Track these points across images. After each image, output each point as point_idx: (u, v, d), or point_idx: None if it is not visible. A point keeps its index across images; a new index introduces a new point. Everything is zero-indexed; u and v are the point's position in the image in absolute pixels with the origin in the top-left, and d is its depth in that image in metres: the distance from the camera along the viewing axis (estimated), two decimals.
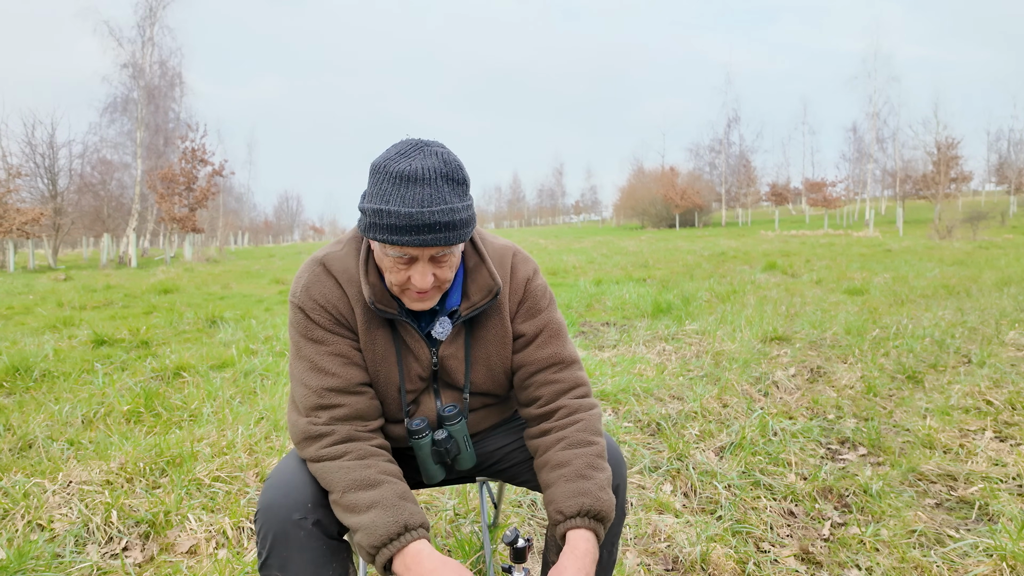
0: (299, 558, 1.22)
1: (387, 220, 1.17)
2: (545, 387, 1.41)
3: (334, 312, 1.34)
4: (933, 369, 4.36)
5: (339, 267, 1.36)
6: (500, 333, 1.43)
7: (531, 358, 1.42)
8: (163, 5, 30.79)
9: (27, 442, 3.01)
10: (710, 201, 51.43)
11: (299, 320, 1.35)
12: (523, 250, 1.51)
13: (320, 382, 1.31)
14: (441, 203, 1.18)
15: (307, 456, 1.29)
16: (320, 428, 1.29)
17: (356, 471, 1.24)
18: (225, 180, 31.68)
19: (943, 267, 11.20)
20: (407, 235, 1.17)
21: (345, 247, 1.39)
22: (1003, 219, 31.90)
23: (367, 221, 1.22)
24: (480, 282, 1.38)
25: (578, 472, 1.28)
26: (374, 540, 1.16)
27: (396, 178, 1.18)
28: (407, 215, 1.16)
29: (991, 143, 54.90)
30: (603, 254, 17.29)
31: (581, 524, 1.23)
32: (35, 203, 26.72)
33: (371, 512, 1.19)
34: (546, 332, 1.44)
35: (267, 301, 9.13)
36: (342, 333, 1.35)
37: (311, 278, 1.36)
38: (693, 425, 3.19)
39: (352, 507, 1.21)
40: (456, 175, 1.21)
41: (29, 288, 12.20)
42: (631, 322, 6.19)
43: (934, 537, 2.21)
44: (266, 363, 4.50)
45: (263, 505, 1.25)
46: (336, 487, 1.23)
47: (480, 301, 1.38)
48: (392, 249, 1.22)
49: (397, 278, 1.26)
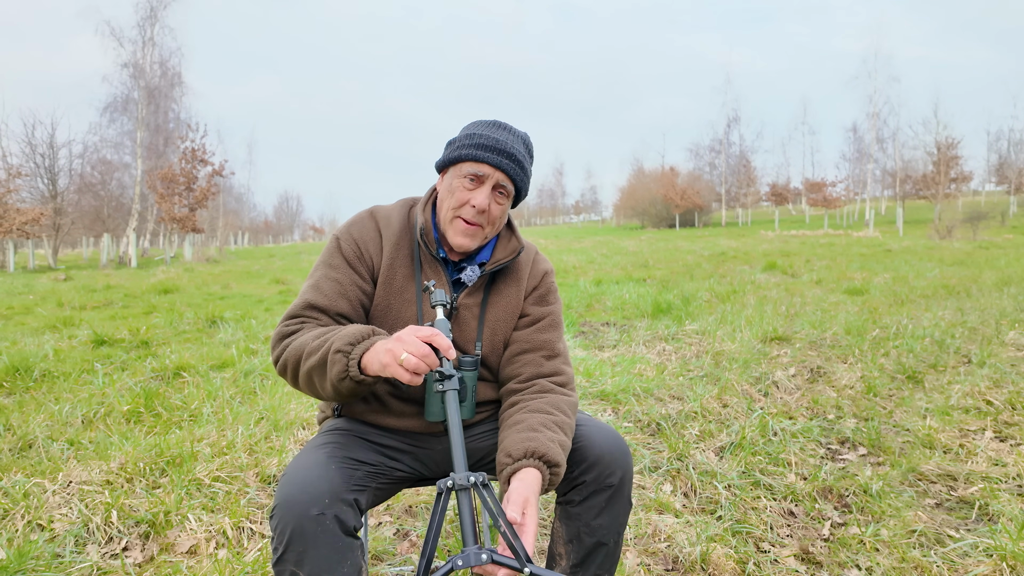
0: (315, 554, 1.22)
1: (477, 140, 1.44)
2: (528, 367, 1.51)
3: (363, 247, 1.50)
4: (933, 369, 4.36)
5: (383, 214, 1.55)
6: (513, 304, 1.56)
7: (526, 338, 1.54)
8: (164, 5, 30.83)
9: (27, 442, 3.01)
10: (710, 201, 51.43)
11: (329, 248, 1.52)
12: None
13: (311, 297, 1.45)
14: (519, 148, 1.47)
15: (278, 350, 1.40)
16: (288, 327, 1.42)
17: (324, 327, 1.38)
18: (225, 180, 31.68)
19: (943, 267, 11.20)
20: (491, 153, 1.43)
21: (398, 202, 1.60)
22: (1003, 219, 31.90)
23: (456, 146, 1.46)
24: (507, 245, 1.57)
25: (530, 427, 1.36)
26: (350, 339, 1.27)
27: (490, 123, 1.49)
28: (494, 139, 1.44)
29: (991, 143, 54.96)
30: (603, 254, 17.29)
31: (529, 464, 1.28)
32: (35, 203, 26.73)
33: (342, 332, 1.30)
34: (548, 320, 1.57)
35: (267, 301, 9.13)
36: (357, 268, 1.49)
37: (356, 219, 1.55)
38: (693, 425, 3.19)
39: (324, 342, 1.30)
40: (530, 145, 1.52)
41: (29, 288, 12.20)
42: (631, 322, 6.19)
43: (934, 537, 2.21)
44: (266, 363, 4.50)
45: (281, 500, 1.25)
46: (306, 344, 1.33)
47: (505, 258, 1.54)
48: (470, 167, 1.43)
49: (458, 199, 1.44)
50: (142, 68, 30.42)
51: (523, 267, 1.59)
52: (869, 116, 51.62)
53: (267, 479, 2.55)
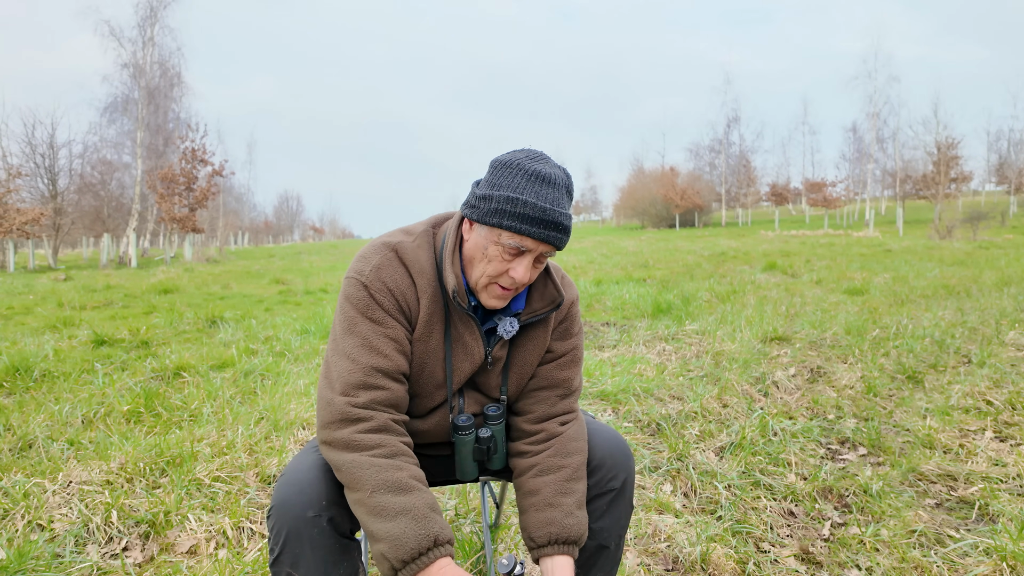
0: (311, 556, 1.22)
1: (521, 209, 1.25)
2: (541, 405, 1.47)
3: (400, 299, 1.35)
4: (933, 369, 4.36)
5: (412, 257, 1.37)
6: (540, 344, 1.47)
7: (546, 374, 1.48)
8: (164, 5, 30.79)
9: (27, 442, 3.01)
10: (710, 201, 51.41)
11: (361, 298, 1.33)
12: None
13: (371, 360, 1.30)
14: (564, 208, 1.29)
15: (337, 439, 1.24)
16: (359, 411, 1.26)
17: (387, 471, 1.21)
18: (225, 180, 31.68)
19: (943, 267, 11.20)
20: (536, 227, 1.25)
21: (417, 239, 1.40)
22: (1003, 219, 31.89)
23: (494, 207, 1.27)
24: (545, 293, 1.44)
25: (546, 501, 1.35)
26: (402, 553, 1.14)
27: (532, 176, 1.27)
28: (541, 209, 1.25)
29: (991, 143, 54.86)
30: (603, 254, 17.29)
31: (552, 551, 1.33)
32: (35, 203, 26.71)
33: (400, 520, 1.16)
34: (570, 356, 1.50)
35: (267, 301, 9.13)
36: (401, 320, 1.36)
37: (383, 260, 1.36)
38: (693, 425, 3.19)
39: (380, 510, 1.18)
40: (571, 189, 1.33)
41: (29, 288, 12.19)
42: (631, 322, 6.19)
43: (934, 537, 2.21)
44: (266, 363, 4.50)
45: (277, 501, 1.25)
46: (365, 485, 1.20)
47: (541, 309, 1.43)
48: (511, 238, 1.27)
49: (495, 268, 1.30)
50: (142, 68, 30.40)
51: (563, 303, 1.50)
52: (869, 116, 51.59)
53: (267, 479, 2.55)
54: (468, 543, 2.13)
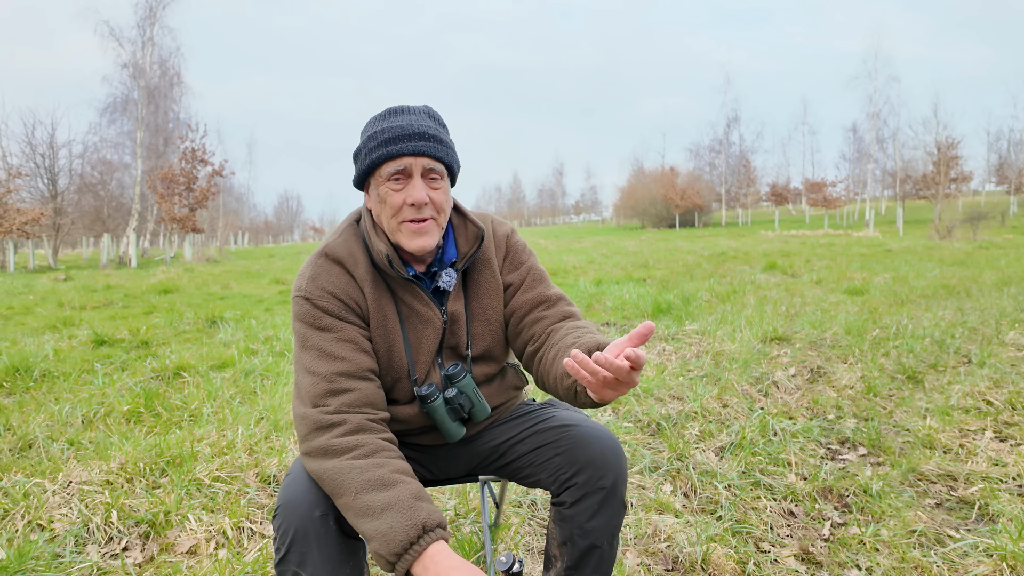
0: (318, 555, 1.22)
1: (380, 137, 1.31)
2: (536, 325, 1.46)
3: (344, 297, 1.37)
4: (933, 369, 4.36)
5: (343, 251, 1.40)
6: (493, 285, 1.50)
7: (519, 302, 1.49)
8: (163, 5, 30.81)
9: (27, 442, 3.01)
10: (710, 201, 51.40)
11: (306, 311, 1.35)
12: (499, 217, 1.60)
13: (330, 367, 1.31)
14: (424, 123, 1.33)
15: (316, 447, 1.25)
16: (331, 417, 1.26)
17: (368, 470, 1.21)
18: (225, 180, 31.67)
19: (943, 267, 11.20)
20: (400, 143, 1.30)
21: (343, 233, 1.44)
22: (1003, 219, 31.89)
23: (363, 154, 1.34)
24: (466, 234, 1.48)
25: (574, 340, 1.30)
26: (393, 547, 1.13)
27: (384, 113, 1.36)
28: (398, 127, 1.31)
29: (991, 143, 54.92)
30: (603, 254, 17.29)
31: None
32: (35, 203, 26.72)
33: (386, 516, 1.16)
34: (530, 277, 1.52)
35: (267, 301, 9.13)
36: (351, 320, 1.37)
37: (316, 269, 1.39)
38: (693, 425, 3.19)
39: (366, 510, 1.18)
40: (437, 115, 1.38)
41: (29, 288, 12.19)
42: (631, 322, 6.19)
43: (934, 537, 2.21)
44: (266, 363, 4.50)
45: (283, 501, 1.25)
46: (348, 489, 1.20)
47: (470, 250, 1.46)
48: (390, 165, 1.31)
49: (395, 201, 1.32)
50: (142, 68, 30.41)
51: (487, 244, 1.51)
52: (869, 116, 51.64)
53: (267, 479, 2.55)
54: (468, 543, 2.13)
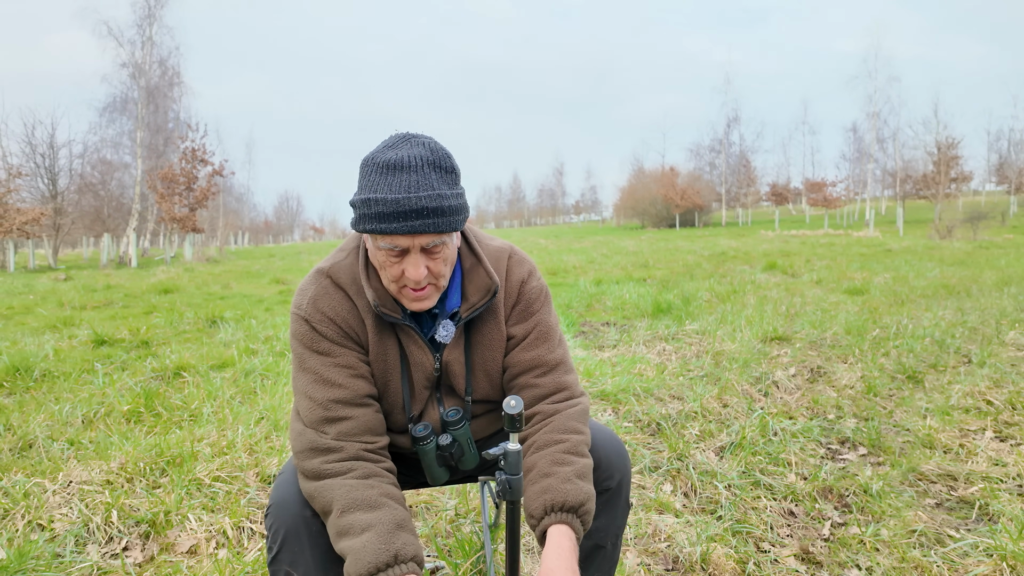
0: (309, 555, 1.22)
1: (375, 208, 1.16)
2: (525, 391, 1.38)
3: (343, 325, 1.31)
4: (933, 369, 4.36)
5: (347, 278, 1.33)
6: (496, 337, 1.40)
7: (515, 360, 1.40)
8: (162, 4, 30.78)
9: (27, 442, 3.01)
10: (710, 201, 51.42)
11: (304, 332, 1.30)
12: (520, 251, 1.48)
13: (326, 394, 1.27)
14: (428, 189, 1.16)
15: (309, 468, 1.23)
16: (328, 442, 1.24)
17: (358, 490, 1.19)
18: (225, 180, 31.66)
19: (943, 267, 11.20)
20: (395, 222, 1.15)
21: (349, 256, 1.36)
22: (1003, 219, 31.89)
23: (357, 214, 1.20)
24: (478, 282, 1.36)
25: (542, 472, 1.26)
26: (360, 568, 1.09)
27: (383, 167, 1.17)
28: (394, 201, 1.14)
29: (991, 143, 54.90)
30: (603, 254, 17.29)
31: (552, 520, 1.21)
32: (35, 203, 26.71)
33: (363, 536, 1.12)
34: (534, 334, 1.41)
35: (267, 301, 9.13)
36: (349, 346, 1.32)
37: (318, 291, 1.32)
38: (693, 425, 3.19)
39: (347, 529, 1.15)
40: (443, 163, 1.20)
41: (29, 288, 12.19)
42: (631, 322, 6.19)
43: (934, 537, 2.21)
44: (266, 363, 4.50)
45: (275, 501, 1.25)
46: (335, 505, 1.17)
47: (479, 301, 1.35)
48: (383, 240, 1.19)
49: (392, 273, 1.23)
50: (141, 68, 30.40)
51: (497, 296, 1.40)
52: (869, 116, 51.59)
53: (267, 479, 2.55)
54: (468, 543, 2.13)
